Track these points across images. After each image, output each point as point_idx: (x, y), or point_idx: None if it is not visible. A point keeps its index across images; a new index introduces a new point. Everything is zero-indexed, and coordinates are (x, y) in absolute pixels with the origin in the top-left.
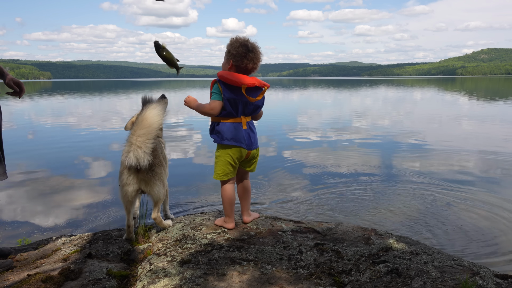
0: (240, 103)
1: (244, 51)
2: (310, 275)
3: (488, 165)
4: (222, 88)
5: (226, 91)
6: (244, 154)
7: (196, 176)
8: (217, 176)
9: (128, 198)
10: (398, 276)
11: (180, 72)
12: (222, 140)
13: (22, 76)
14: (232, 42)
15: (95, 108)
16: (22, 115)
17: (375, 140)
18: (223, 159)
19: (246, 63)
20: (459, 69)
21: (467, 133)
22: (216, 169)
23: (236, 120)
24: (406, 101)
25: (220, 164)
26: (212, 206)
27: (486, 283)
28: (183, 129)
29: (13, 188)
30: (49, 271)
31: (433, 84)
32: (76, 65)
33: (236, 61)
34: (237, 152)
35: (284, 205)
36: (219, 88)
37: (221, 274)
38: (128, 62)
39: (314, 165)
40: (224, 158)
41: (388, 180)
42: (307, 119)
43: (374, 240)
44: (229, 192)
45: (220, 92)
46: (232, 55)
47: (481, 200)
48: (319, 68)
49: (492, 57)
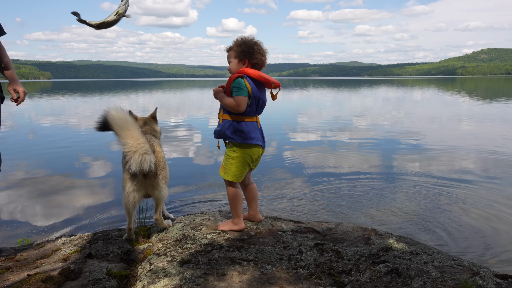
0: (261, 102)
1: (258, 48)
2: (310, 275)
3: (488, 164)
4: (250, 86)
5: (254, 89)
6: (260, 153)
7: (196, 176)
8: (233, 178)
9: (134, 204)
10: (398, 276)
11: (120, 14)
12: (246, 139)
13: (22, 76)
14: (242, 42)
15: (95, 108)
16: (22, 115)
17: (375, 140)
18: (241, 160)
19: (262, 59)
20: (459, 69)
21: (467, 133)
22: (232, 169)
23: (254, 119)
24: (406, 101)
25: (237, 165)
26: (212, 206)
27: (486, 283)
28: (183, 129)
29: (13, 188)
30: (49, 271)
31: (433, 84)
32: (76, 65)
33: (253, 58)
34: (257, 152)
35: (284, 205)
36: (246, 85)
37: (221, 274)
38: (128, 62)
39: (314, 165)
40: (243, 158)
41: (388, 180)
42: (307, 119)
43: (374, 240)
44: (239, 192)
45: (248, 88)
46: (248, 54)
47: (481, 200)
48: (319, 68)
49: (492, 57)
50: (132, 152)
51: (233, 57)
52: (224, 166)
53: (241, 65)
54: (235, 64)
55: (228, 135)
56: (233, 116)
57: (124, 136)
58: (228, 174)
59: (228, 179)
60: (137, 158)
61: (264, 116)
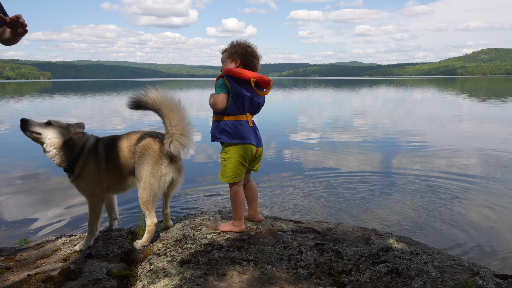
0: (247, 99)
1: (251, 50)
2: (310, 275)
3: (489, 164)
4: (229, 83)
5: (233, 85)
6: (254, 152)
7: (196, 176)
8: (228, 179)
9: (165, 189)
10: (398, 276)
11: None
12: (232, 139)
13: (22, 76)
14: (237, 44)
15: (95, 108)
16: (22, 115)
17: (375, 140)
18: (234, 160)
19: (254, 62)
20: (459, 69)
21: (467, 133)
22: (226, 171)
23: (243, 118)
24: (407, 101)
25: (230, 165)
26: (212, 206)
27: (486, 283)
28: None
29: (13, 188)
30: (49, 271)
31: (433, 84)
32: (76, 65)
33: (245, 59)
34: (249, 150)
35: (284, 205)
36: (225, 83)
37: (221, 274)
38: (128, 62)
39: (314, 165)
40: (235, 158)
41: (388, 180)
42: (308, 119)
43: (374, 240)
44: (242, 194)
45: (227, 86)
46: (241, 55)
47: (481, 200)
48: (319, 68)
49: (492, 57)
50: (168, 135)
51: (227, 57)
52: (220, 168)
53: (233, 64)
54: (227, 64)
55: (216, 135)
56: (218, 117)
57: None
58: (224, 176)
59: (224, 180)
60: (169, 139)
61: (264, 116)
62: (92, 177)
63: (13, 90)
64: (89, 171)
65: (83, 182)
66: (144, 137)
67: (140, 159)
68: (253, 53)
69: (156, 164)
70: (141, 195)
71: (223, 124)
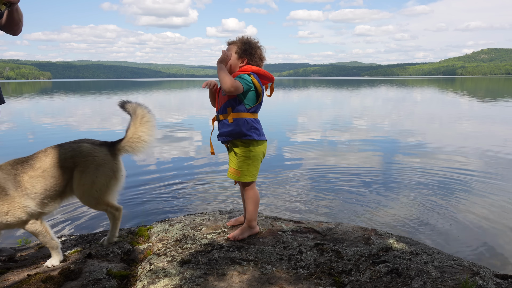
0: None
1: (260, 52)
2: (310, 275)
3: (489, 164)
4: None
5: (260, 84)
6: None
7: (196, 176)
8: (253, 178)
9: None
10: (398, 276)
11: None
12: (260, 136)
13: (22, 76)
14: (248, 41)
15: (95, 108)
16: (22, 115)
17: (375, 140)
18: (258, 158)
19: (260, 64)
20: (459, 69)
21: (468, 133)
22: (251, 169)
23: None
24: (407, 101)
25: (255, 163)
26: (212, 206)
27: (486, 283)
28: (183, 128)
29: None
30: (49, 271)
31: (433, 84)
32: (76, 65)
33: (252, 60)
34: (265, 147)
35: (284, 205)
36: (252, 80)
37: (221, 274)
38: (128, 62)
39: (314, 165)
40: (259, 156)
41: (388, 180)
42: (308, 119)
43: (374, 240)
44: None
45: (254, 84)
46: (250, 54)
47: (481, 199)
48: (319, 68)
49: (492, 57)
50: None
51: (234, 51)
52: (239, 169)
53: (239, 62)
54: (233, 60)
55: (245, 132)
56: (247, 114)
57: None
58: (248, 175)
59: (248, 180)
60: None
61: (265, 116)
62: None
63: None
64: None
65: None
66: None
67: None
68: (261, 55)
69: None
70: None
71: (250, 121)
